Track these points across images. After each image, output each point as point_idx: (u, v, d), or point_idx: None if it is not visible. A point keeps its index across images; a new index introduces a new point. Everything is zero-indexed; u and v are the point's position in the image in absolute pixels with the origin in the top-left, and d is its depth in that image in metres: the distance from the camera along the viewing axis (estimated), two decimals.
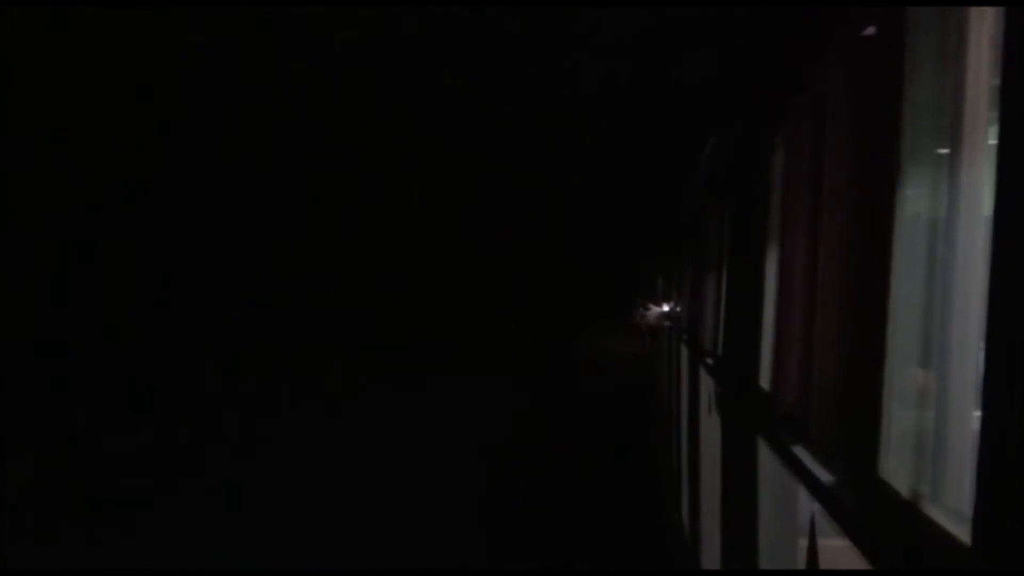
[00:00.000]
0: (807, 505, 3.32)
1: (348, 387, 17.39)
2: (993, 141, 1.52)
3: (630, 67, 4.69)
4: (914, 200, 1.79)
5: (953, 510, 1.46)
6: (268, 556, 8.28)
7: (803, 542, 3.48)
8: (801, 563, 3.42)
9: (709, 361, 5.96)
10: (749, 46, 3.80)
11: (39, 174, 7.91)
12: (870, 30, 1.99)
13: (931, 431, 1.62)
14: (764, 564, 3.47)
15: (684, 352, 9.46)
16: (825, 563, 3.31)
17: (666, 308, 17.71)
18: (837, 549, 2.94)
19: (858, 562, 1.82)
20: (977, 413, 1.38)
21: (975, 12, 1.51)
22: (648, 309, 26.37)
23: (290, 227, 12.25)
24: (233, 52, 4.83)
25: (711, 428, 5.96)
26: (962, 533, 1.34)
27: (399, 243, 14.96)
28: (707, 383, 6.31)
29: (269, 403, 15.13)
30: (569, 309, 33.97)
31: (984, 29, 1.50)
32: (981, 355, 1.37)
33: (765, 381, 3.22)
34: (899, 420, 1.77)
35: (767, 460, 3.30)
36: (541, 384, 22.27)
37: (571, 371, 26.65)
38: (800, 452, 2.43)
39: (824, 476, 2.13)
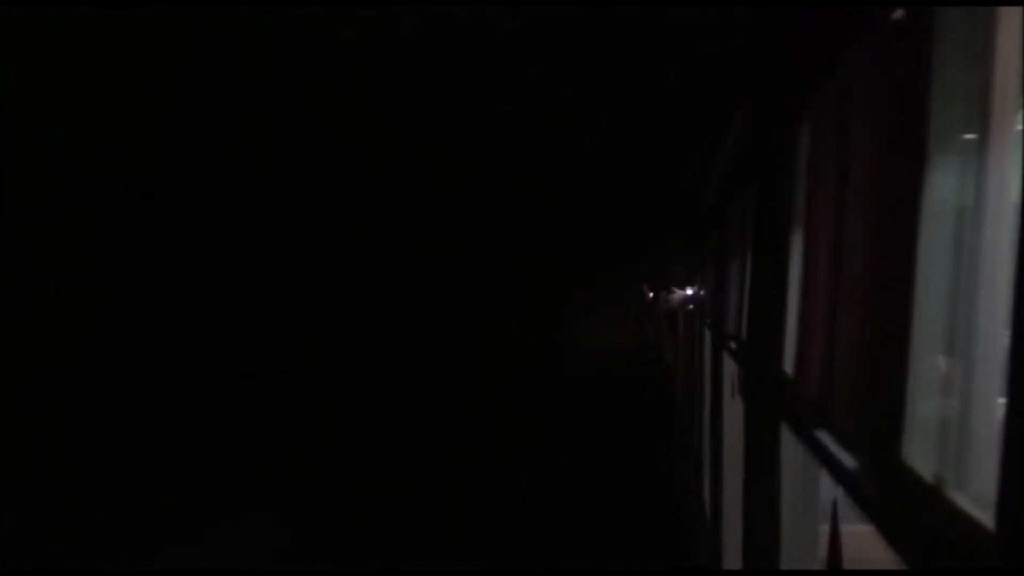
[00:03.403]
0: (830, 490, 3.33)
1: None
2: (1020, 126, 1.51)
3: (652, 53, 4.67)
4: (940, 186, 1.78)
5: (977, 496, 1.46)
6: None
7: (825, 527, 3.49)
8: (823, 548, 3.44)
9: (732, 345, 5.96)
10: (773, 32, 3.78)
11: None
12: (898, 13, 1.98)
13: (956, 417, 1.62)
14: (785, 548, 3.48)
15: (707, 336, 9.47)
16: (848, 548, 3.32)
17: (688, 292, 17.69)
18: (859, 534, 2.95)
19: (880, 547, 1.83)
20: (1002, 400, 1.38)
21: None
22: (672, 293, 26.33)
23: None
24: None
25: (734, 411, 5.97)
26: (986, 519, 1.34)
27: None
28: (730, 366, 6.31)
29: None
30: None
31: (1015, 13, 1.49)
32: (1007, 341, 1.37)
33: (789, 366, 3.21)
34: (923, 406, 1.77)
35: (790, 445, 3.30)
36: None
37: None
38: (823, 437, 2.43)
39: (847, 461, 2.13)
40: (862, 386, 2.10)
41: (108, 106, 5.97)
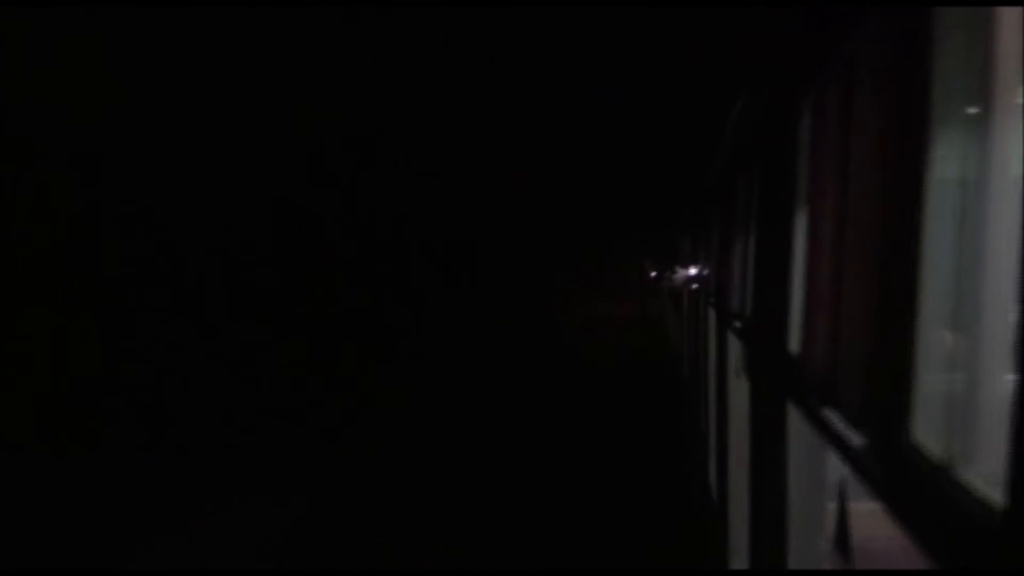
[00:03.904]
0: (836, 469, 3.33)
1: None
2: (1022, 100, 1.50)
3: (657, 32, 4.66)
4: (944, 160, 1.77)
5: (986, 474, 1.45)
6: None
7: (832, 506, 3.49)
8: (830, 527, 3.43)
9: (737, 324, 5.95)
10: (777, 9, 3.75)
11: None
12: None
13: (963, 394, 1.61)
14: (793, 528, 3.48)
15: (712, 315, 9.46)
16: (855, 527, 3.32)
17: (692, 271, 17.66)
18: (868, 512, 2.94)
19: (888, 526, 1.82)
20: (1010, 377, 1.37)
21: None
22: (675, 272, 26.34)
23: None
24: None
25: (739, 390, 5.96)
26: (995, 497, 1.34)
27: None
28: (735, 346, 6.30)
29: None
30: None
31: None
32: (1014, 317, 1.36)
33: (794, 344, 3.20)
34: (930, 383, 1.76)
35: (796, 424, 3.29)
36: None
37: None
38: (830, 416, 2.42)
39: (855, 440, 2.13)
40: (868, 364, 2.09)
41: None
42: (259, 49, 4.96)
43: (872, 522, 2.69)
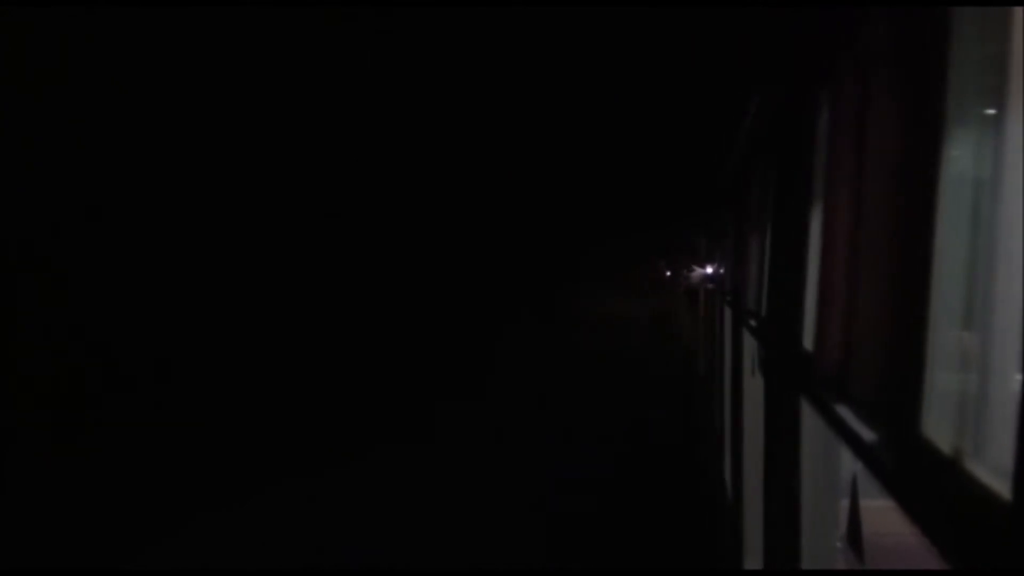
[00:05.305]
0: (849, 465, 3.34)
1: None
2: None
3: (673, 25, 4.65)
4: (958, 159, 1.79)
5: (994, 467, 1.47)
6: None
7: (845, 502, 3.51)
8: (843, 523, 3.45)
9: (752, 323, 5.96)
10: (793, 4, 3.76)
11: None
12: None
13: (974, 390, 1.63)
14: (807, 523, 3.50)
15: (728, 314, 9.46)
16: (867, 523, 3.34)
17: (709, 270, 17.62)
18: (879, 509, 2.96)
19: (899, 522, 1.84)
20: (1019, 376, 1.39)
21: None
22: (692, 271, 26.29)
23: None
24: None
25: (754, 388, 5.97)
26: (1003, 489, 1.35)
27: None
28: (750, 344, 6.31)
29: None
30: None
31: None
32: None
33: (808, 342, 3.22)
34: (942, 379, 1.78)
35: (810, 420, 3.31)
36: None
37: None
38: (843, 412, 2.44)
39: (867, 435, 2.15)
40: (881, 360, 2.11)
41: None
42: (257, 49, 4.98)
43: (884, 518, 2.71)
